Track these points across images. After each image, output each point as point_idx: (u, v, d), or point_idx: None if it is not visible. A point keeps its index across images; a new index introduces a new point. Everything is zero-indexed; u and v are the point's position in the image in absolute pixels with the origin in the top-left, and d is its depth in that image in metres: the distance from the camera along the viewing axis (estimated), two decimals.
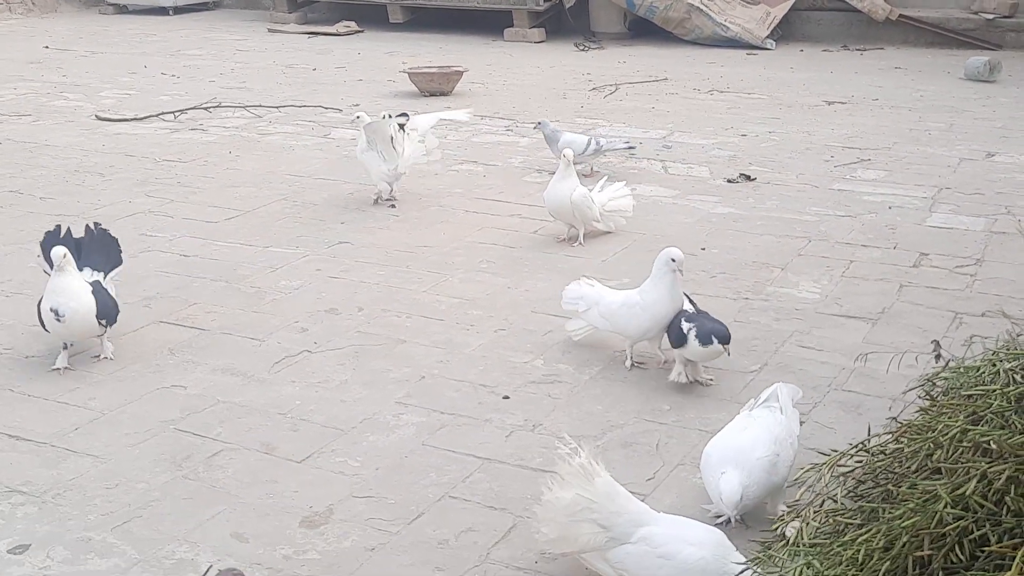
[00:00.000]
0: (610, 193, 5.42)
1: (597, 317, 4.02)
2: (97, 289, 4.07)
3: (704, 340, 3.68)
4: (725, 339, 3.68)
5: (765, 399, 3.18)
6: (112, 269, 4.30)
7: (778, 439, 3.00)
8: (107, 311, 4.05)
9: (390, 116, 5.96)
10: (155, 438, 3.53)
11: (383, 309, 4.55)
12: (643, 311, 3.85)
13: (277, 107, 8.54)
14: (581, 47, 11.70)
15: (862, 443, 2.87)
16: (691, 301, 3.96)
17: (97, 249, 4.30)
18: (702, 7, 11.50)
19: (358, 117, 6.08)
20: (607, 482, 2.67)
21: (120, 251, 4.38)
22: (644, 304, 3.85)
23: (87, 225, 4.37)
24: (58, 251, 3.95)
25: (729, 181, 6.42)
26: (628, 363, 3.98)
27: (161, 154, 7.17)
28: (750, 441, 2.97)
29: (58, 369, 4.01)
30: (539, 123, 6.55)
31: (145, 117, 8.26)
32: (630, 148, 6.58)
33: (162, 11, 14.37)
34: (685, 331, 3.73)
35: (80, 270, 4.12)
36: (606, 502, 2.65)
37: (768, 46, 11.40)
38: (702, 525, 2.75)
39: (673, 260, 3.77)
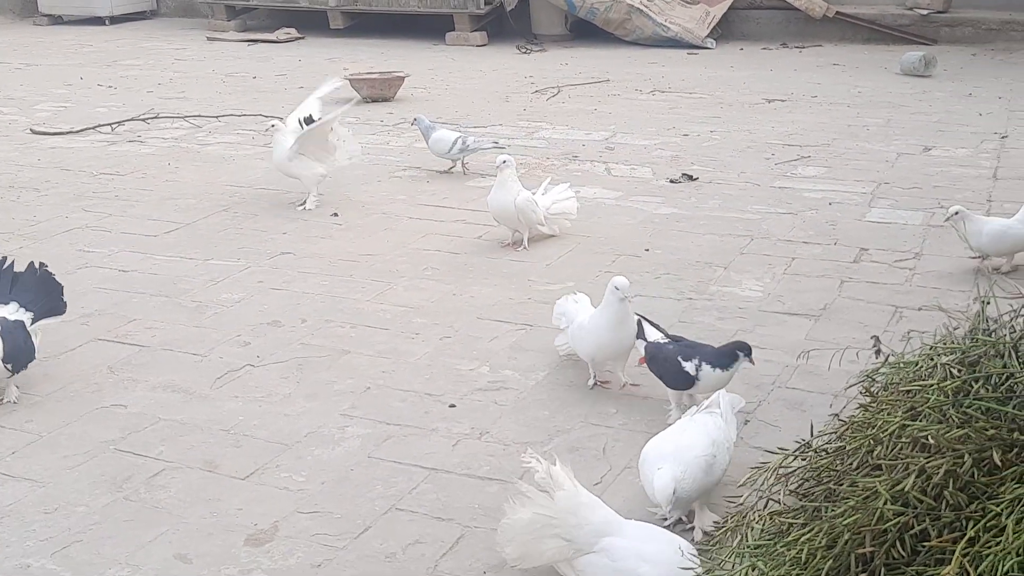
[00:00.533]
0: (554, 196, 5.42)
1: (571, 336, 3.94)
2: (10, 329, 3.78)
3: (725, 363, 3.46)
4: (748, 350, 3.47)
5: (707, 406, 3.19)
6: (45, 316, 4.00)
7: (716, 442, 3.01)
8: (15, 355, 3.75)
9: (306, 121, 6.02)
10: (95, 459, 3.46)
11: (327, 320, 4.51)
12: (588, 335, 3.79)
13: (216, 117, 8.45)
14: (523, 50, 11.71)
15: (806, 442, 2.89)
16: (659, 328, 3.77)
17: (34, 288, 3.98)
18: (642, 8, 11.57)
19: (272, 126, 6.07)
20: (568, 495, 2.66)
21: (62, 300, 4.08)
22: (590, 328, 3.78)
23: (32, 262, 4.07)
24: None
25: (671, 181, 6.46)
26: (591, 382, 3.87)
27: (98, 167, 7.06)
28: (688, 440, 2.99)
29: (11, 401, 3.85)
30: (416, 119, 6.68)
31: (81, 130, 8.12)
32: (497, 146, 6.60)
33: (98, 21, 14.17)
34: (693, 371, 3.44)
35: (7, 303, 3.87)
36: (566, 516, 2.64)
37: (708, 45, 11.50)
38: (666, 536, 2.73)
39: (617, 288, 3.64)
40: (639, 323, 3.75)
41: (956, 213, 4.78)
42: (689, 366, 3.46)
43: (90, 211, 6.12)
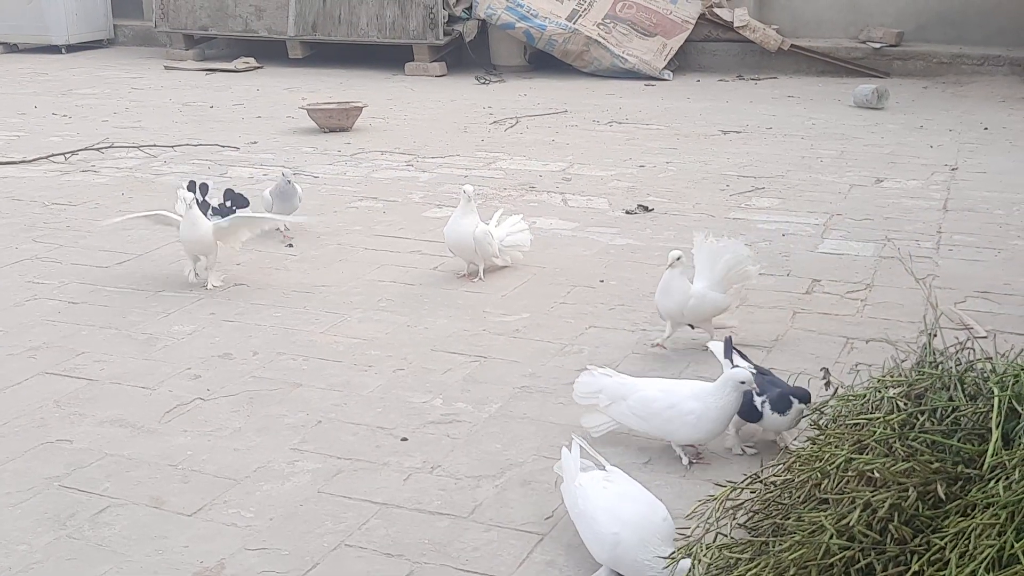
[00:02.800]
0: (507, 228, 5.42)
1: (627, 414, 3.55)
2: None
3: (781, 407, 3.48)
4: (806, 399, 3.47)
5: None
6: None
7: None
8: None
9: (200, 188, 5.67)
10: (38, 496, 3.40)
11: (279, 352, 4.47)
12: (698, 420, 3.43)
13: (172, 146, 8.39)
14: (482, 80, 11.76)
15: (755, 475, 2.90)
16: (746, 358, 3.71)
17: None
18: (600, 40, 11.67)
19: (177, 194, 5.60)
20: None
21: None
22: (701, 413, 3.42)
23: None
24: None
25: (627, 212, 6.49)
26: (685, 461, 3.54)
27: (50, 198, 6.98)
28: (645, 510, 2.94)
29: None
30: (282, 174, 6.02)
31: (34, 159, 8.03)
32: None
33: (54, 49, 14.05)
34: (760, 406, 3.49)
35: None
36: None
37: (665, 77, 11.61)
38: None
39: (743, 383, 3.40)
40: (732, 348, 3.68)
41: (678, 259, 4.33)
42: (759, 401, 3.50)
43: (40, 242, 6.05)
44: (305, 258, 5.72)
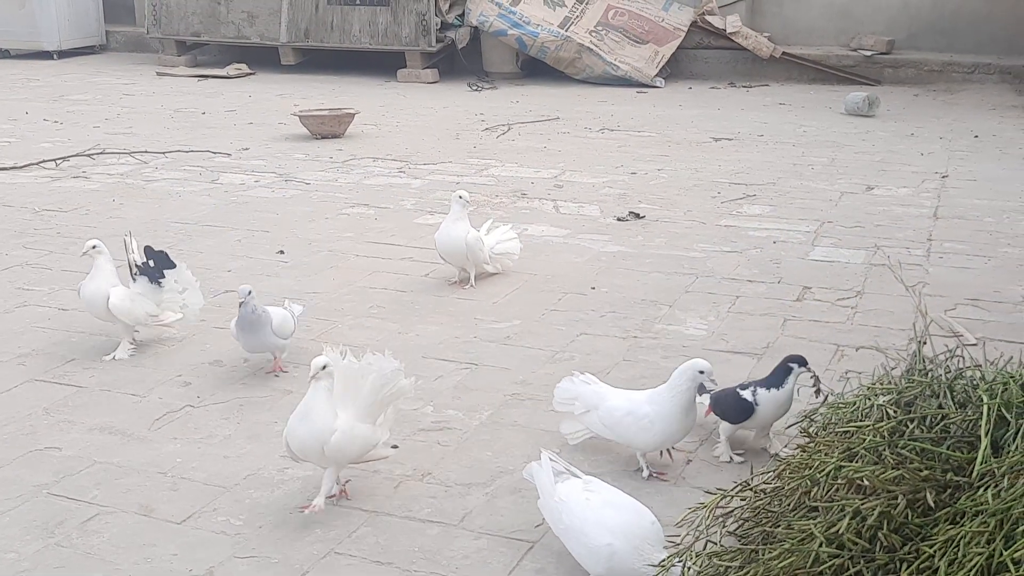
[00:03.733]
0: (497, 236, 5.43)
1: (597, 423, 3.54)
2: None
3: (778, 381, 3.49)
4: (800, 360, 3.50)
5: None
6: None
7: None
8: None
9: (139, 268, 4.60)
10: (27, 504, 3.38)
11: (269, 359, 4.46)
12: (652, 424, 3.39)
13: (164, 152, 8.38)
14: (474, 87, 11.77)
15: (745, 482, 2.90)
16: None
17: None
18: (592, 47, 11.69)
19: (94, 247, 4.61)
20: None
21: None
22: (655, 416, 3.39)
23: None
24: None
25: (619, 219, 6.50)
26: (645, 473, 3.49)
27: (41, 204, 6.96)
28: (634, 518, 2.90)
29: None
30: (247, 295, 4.26)
31: (25, 165, 8.02)
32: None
33: (46, 55, 14.03)
34: (751, 396, 3.50)
35: None
36: None
37: (657, 84, 11.63)
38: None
39: (702, 372, 3.33)
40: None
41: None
42: (746, 393, 3.53)
43: (31, 248, 6.03)
44: (296, 265, 5.72)
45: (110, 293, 4.48)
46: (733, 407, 3.56)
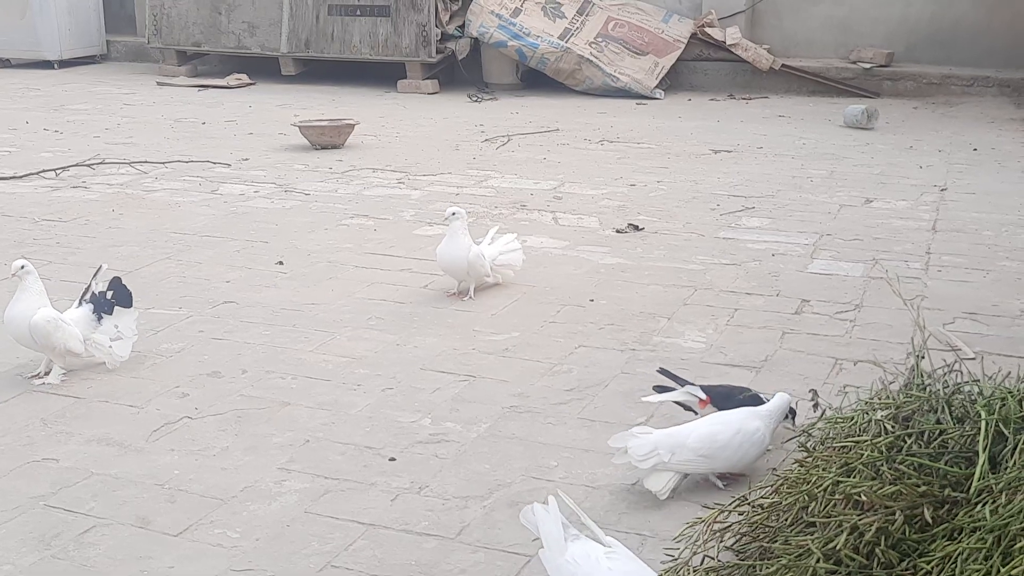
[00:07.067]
0: (500, 247, 5.42)
1: (694, 458, 3.40)
2: None
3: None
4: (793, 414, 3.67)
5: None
6: None
7: None
8: None
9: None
10: (23, 516, 3.38)
11: (267, 371, 4.46)
12: (764, 437, 3.48)
13: (163, 163, 8.39)
14: (474, 98, 11.79)
15: (742, 497, 2.89)
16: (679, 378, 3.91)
17: None
18: (592, 58, 11.71)
19: (22, 267, 4.48)
20: None
21: None
22: (765, 430, 3.49)
23: None
24: None
25: (618, 231, 6.50)
26: (721, 485, 3.49)
27: (40, 214, 6.96)
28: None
29: None
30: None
31: (24, 175, 8.02)
32: None
33: (47, 65, 14.05)
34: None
35: None
36: None
37: (657, 96, 11.65)
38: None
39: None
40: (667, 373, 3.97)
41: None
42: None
43: (29, 258, 5.95)
44: (295, 276, 5.72)
45: (36, 312, 4.28)
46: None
